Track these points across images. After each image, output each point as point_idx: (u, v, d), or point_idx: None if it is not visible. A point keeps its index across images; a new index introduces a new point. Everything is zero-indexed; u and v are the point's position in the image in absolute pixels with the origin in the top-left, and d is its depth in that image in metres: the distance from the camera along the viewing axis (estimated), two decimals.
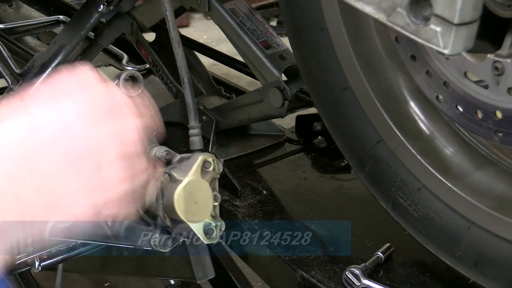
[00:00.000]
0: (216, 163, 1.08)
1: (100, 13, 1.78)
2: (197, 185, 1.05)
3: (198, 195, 1.05)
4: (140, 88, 1.09)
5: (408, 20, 0.84)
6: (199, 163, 1.05)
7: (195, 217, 1.04)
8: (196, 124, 1.19)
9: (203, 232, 1.06)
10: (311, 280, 1.20)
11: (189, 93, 1.20)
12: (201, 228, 1.06)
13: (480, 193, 1.08)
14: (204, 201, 1.05)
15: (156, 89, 2.01)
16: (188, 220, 1.04)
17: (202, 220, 1.06)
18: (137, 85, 1.09)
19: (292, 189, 1.51)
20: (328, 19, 1.20)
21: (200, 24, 5.51)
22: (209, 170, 1.07)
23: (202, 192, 1.05)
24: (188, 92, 1.20)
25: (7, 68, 1.86)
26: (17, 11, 2.74)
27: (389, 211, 1.22)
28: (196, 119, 1.19)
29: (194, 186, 1.04)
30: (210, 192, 1.06)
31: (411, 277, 1.20)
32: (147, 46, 1.88)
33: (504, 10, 0.87)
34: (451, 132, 1.15)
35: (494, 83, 0.96)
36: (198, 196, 1.05)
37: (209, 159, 1.07)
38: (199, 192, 1.05)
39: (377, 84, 1.19)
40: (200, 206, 1.05)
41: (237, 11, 1.58)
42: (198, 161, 1.06)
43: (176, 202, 1.02)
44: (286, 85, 1.51)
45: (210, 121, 1.69)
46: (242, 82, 2.06)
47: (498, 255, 1.05)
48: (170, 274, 1.57)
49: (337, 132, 1.30)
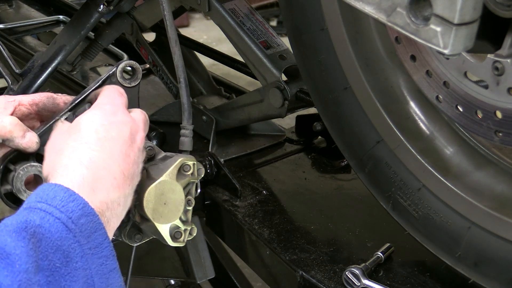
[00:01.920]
0: (196, 168, 1.06)
1: (100, 13, 1.78)
2: (170, 187, 1.03)
3: (169, 197, 1.03)
4: (138, 79, 1.09)
5: (408, 20, 0.84)
6: (176, 165, 1.04)
7: (162, 218, 1.03)
8: (189, 125, 1.19)
9: (169, 235, 1.05)
10: (311, 280, 1.20)
11: (184, 92, 1.19)
12: (167, 230, 1.04)
13: (480, 193, 1.08)
14: (175, 204, 1.03)
15: (156, 89, 2.01)
16: (155, 220, 1.02)
17: (169, 223, 1.04)
18: (135, 75, 1.09)
19: (292, 189, 1.51)
20: (328, 19, 1.20)
21: (200, 24, 5.52)
22: (187, 173, 1.05)
23: (174, 195, 1.03)
24: (184, 92, 1.19)
25: (7, 68, 1.86)
26: (17, 11, 2.74)
27: (389, 211, 1.22)
28: (189, 120, 1.19)
29: (167, 187, 1.03)
30: (183, 196, 1.04)
31: (411, 277, 1.20)
32: (147, 46, 1.88)
33: (504, 10, 0.87)
34: (451, 132, 1.15)
35: (494, 83, 0.96)
36: (169, 198, 1.03)
37: (188, 163, 1.05)
38: (170, 194, 1.03)
39: (377, 84, 1.19)
40: (169, 208, 1.03)
41: (237, 11, 1.58)
42: (176, 163, 1.04)
43: (145, 200, 1.01)
44: (286, 85, 1.51)
45: (210, 121, 1.69)
46: (242, 82, 2.06)
47: (498, 255, 1.05)
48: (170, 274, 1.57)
49: (337, 132, 1.30)
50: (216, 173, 1.48)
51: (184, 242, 1.07)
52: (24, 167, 0.99)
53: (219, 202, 1.45)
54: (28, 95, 1.07)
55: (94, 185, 0.87)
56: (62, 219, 0.81)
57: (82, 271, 0.81)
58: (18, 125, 0.99)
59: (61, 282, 0.78)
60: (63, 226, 0.80)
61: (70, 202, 0.82)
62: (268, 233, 1.34)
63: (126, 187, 0.92)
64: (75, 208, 0.82)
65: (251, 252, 1.40)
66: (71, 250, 0.80)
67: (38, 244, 0.78)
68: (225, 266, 1.90)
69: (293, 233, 1.33)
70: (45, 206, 0.81)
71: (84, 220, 0.82)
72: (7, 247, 0.75)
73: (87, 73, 2.19)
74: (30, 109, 1.06)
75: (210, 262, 1.45)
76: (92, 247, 0.82)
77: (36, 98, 1.06)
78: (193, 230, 1.08)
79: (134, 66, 1.08)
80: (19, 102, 1.04)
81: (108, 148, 0.91)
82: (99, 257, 0.83)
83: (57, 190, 0.83)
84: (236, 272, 1.95)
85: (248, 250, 1.40)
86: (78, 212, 0.82)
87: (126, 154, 0.93)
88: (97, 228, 0.84)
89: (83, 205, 0.83)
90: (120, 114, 0.97)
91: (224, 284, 1.93)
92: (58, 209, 0.81)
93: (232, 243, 1.49)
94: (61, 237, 0.80)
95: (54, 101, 1.07)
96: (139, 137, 0.98)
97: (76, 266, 0.80)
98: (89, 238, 0.82)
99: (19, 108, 1.04)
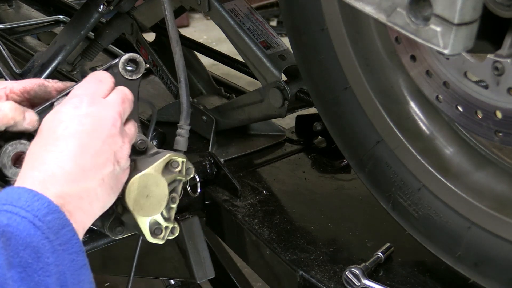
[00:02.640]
0: (185, 166, 1.05)
1: (100, 13, 1.78)
2: (154, 180, 1.02)
3: (153, 190, 1.02)
4: (140, 73, 1.09)
5: (408, 20, 0.84)
6: (164, 160, 1.03)
7: (143, 211, 1.02)
8: (186, 124, 1.19)
9: (149, 230, 1.04)
10: (311, 280, 1.20)
11: (184, 92, 1.19)
12: (146, 224, 1.03)
13: (480, 193, 1.08)
14: (157, 198, 1.03)
15: (156, 89, 2.01)
16: (135, 211, 1.01)
17: (149, 216, 1.03)
18: (138, 69, 1.09)
19: (292, 189, 1.51)
20: (328, 19, 1.20)
21: (200, 24, 5.52)
22: (175, 170, 1.04)
23: (158, 189, 1.02)
24: (183, 92, 1.19)
25: (7, 68, 1.86)
26: (17, 11, 2.74)
27: (389, 211, 1.22)
28: (187, 120, 1.19)
29: (151, 180, 1.02)
30: (167, 191, 1.03)
31: (411, 277, 1.20)
32: (147, 46, 1.88)
33: (504, 10, 0.87)
34: (451, 132, 1.15)
35: (494, 83, 0.96)
36: (153, 191, 1.02)
37: (177, 159, 1.05)
38: (154, 188, 1.02)
39: (377, 84, 1.19)
40: (151, 202, 1.02)
41: (237, 11, 1.59)
42: (163, 157, 1.03)
43: (127, 190, 1.00)
44: (286, 85, 1.51)
45: (210, 121, 1.69)
46: (242, 82, 2.06)
47: (498, 255, 1.05)
48: (170, 274, 1.57)
49: (337, 132, 1.30)
50: (216, 173, 1.48)
51: (163, 240, 1.06)
52: (13, 143, 0.99)
53: (219, 202, 1.45)
54: (19, 82, 1.06)
55: (45, 181, 0.87)
56: (28, 218, 0.81)
57: (54, 266, 0.81)
58: (17, 108, 0.98)
59: (34, 277, 0.79)
60: (31, 224, 0.81)
61: (35, 202, 0.83)
62: (268, 233, 1.34)
63: (87, 179, 0.91)
64: (40, 206, 0.83)
65: (251, 252, 1.40)
66: (41, 246, 0.81)
67: (8, 243, 0.78)
68: (225, 266, 1.90)
69: (293, 233, 1.33)
70: (11, 207, 0.82)
71: (50, 217, 0.83)
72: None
73: (87, 73, 2.19)
74: (21, 97, 1.05)
75: (210, 262, 1.45)
76: (62, 243, 0.83)
77: (27, 86, 1.05)
78: (175, 229, 1.07)
79: (138, 60, 1.08)
80: (10, 89, 1.04)
81: (62, 146, 0.91)
82: (69, 253, 0.83)
83: (20, 192, 0.84)
84: (236, 272, 1.95)
85: (248, 250, 1.40)
86: (44, 210, 0.83)
87: (85, 147, 0.92)
88: (64, 225, 0.84)
89: (48, 203, 0.84)
90: (84, 106, 0.96)
91: (224, 284, 1.93)
92: (24, 209, 0.82)
93: (232, 243, 1.49)
94: (29, 234, 0.80)
95: (46, 89, 1.07)
96: (111, 123, 0.97)
97: (47, 261, 0.80)
98: (57, 234, 0.83)
99: (10, 96, 1.03)
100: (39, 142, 0.93)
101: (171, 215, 1.06)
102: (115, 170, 0.96)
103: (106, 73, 1.05)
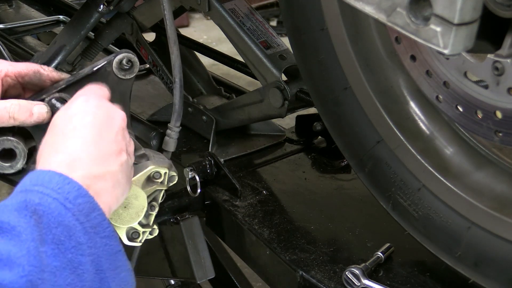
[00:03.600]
0: (167, 176, 1.06)
1: (100, 13, 1.78)
2: (134, 193, 1.03)
3: (132, 202, 1.03)
4: (134, 72, 1.08)
5: (408, 20, 0.84)
6: (145, 173, 1.04)
7: (120, 220, 1.03)
8: (176, 126, 1.18)
9: (126, 235, 1.05)
10: (311, 280, 1.20)
11: (178, 93, 1.19)
12: (123, 231, 1.05)
13: (480, 193, 1.08)
14: (136, 210, 1.03)
15: (156, 89, 2.01)
16: (112, 220, 1.02)
17: (126, 226, 1.04)
18: (132, 69, 1.08)
19: (292, 189, 1.51)
20: (328, 19, 1.20)
21: (200, 24, 5.52)
22: (157, 180, 1.05)
23: (136, 201, 1.03)
24: (177, 92, 1.19)
25: None
26: (17, 11, 2.74)
27: (389, 211, 1.22)
28: (178, 122, 1.18)
29: (131, 193, 1.02)
30: (145, 203, 1.04)
31: (411, 277, 1.20)
32: (147, 46, 1.88)
33: (504, 10, 0.87)
34: (451, 132, 1.15)
35: (494, 83, 0.96)
36: (131, 203, 1.03)
37: (160, 171, 1.05)
38: (133, 200, 1.03)
39: (377, 84, 1.19)
40: (129, 213, 1.03)
41: (237, 11, 1.58)
42: (145, 170, 1.04)
43: None
44: (286, 85, 1.51)
45: (210, 121, 1.69)
46: (242, 82, 2.06)
47: (498, 255, 1.05)
48: (170, 274, 1.57)
49: (337, 132, 1.30)
50: (216, 173, 1.48)
51: (141, 242, 1.07)
52: (1, 139, 1.00)
53: (219, 202, 1.45)
54: (14, 64, 1.07)
55: (71, 164, 0.89)
56: (59, 199, 0.83)
57: (87, 248, 0.82)
58: (20, 108, 1.00)
59: (67, 254, 0.80)
60: (62, 205, 0.82)
61: (66, 185, 0.84)
62: (268, 233, 1.33)
63: (109, 163, 0.93)
64: (71, 189, 0.84)
65: (251, 252, 1.40)
66: (72, 226, 0.82)
67: (39, 220, 0.79)
68: (225, 266, 1.90)
69: (293, 233, 1.33)
70: (42, 188, 0.83)
71: (81, 201, 0.84)
72: (11, 221, 0.78)
73: None
74: (15, 80, 1.06)
75: (210, 262, 1.45)
76: (92, 226, 0.84)
77: (22, 70, 1.06)
78: (153, 231, 1.07)
79: (132, 60, 1.07)
80: (5, 73, 1.04)
81: (82, 133, 0.93)
82: (101, 237, 0.85)
83: (51, 175, 0.85)
84: (236, 272, 1.94)
85: (248, 250, 1.40)
86: (74, 193, 0.84)
87: (102, 135, 0.94)
88: (94, 209, 0.85)
89: (78, 188, 0.85)
90: (93, 101, 0.98)
91: (224, 284, 1.93)
92: (55, 191, 0.83)
93: (232, 243, 1.49)
94: (60, 214, 0.81)
95: (40, 77, 1.08)
96: (120, 117, 0.99)
97: (80, 241, 0.82)
98: (88, 217, 0.84)
99: (5, 79, 1.04)
100: (56, 133, 0.94)
101: (149, 221, 1.07)
102: (129, 161, 0.98)
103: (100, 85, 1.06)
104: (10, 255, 0.74)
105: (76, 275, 0.79)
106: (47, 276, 0.76)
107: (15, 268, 0.74)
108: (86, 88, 1.04)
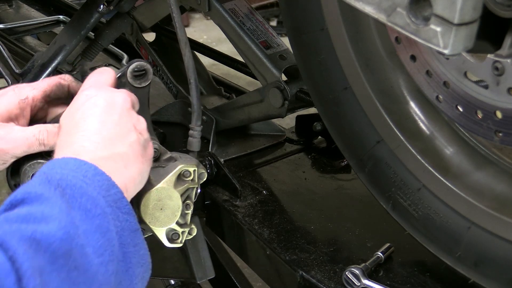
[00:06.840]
0: (196, 174, 1.07)
1: (100, 13, 1.78)
2: (167, 194, 1.04)
3: (167, 203, 1.04)
4: (149, 80, 1.09)
5: (408, 20, 0.84)
6: (175, 172, 1.05)
7: (159, 223, 1.05)
8: (197, 125, 1.19)
9: (166, 237, 1.06)
10: (311, 280, 1.20)
11: (195, 93, 1.20)
12: (163, 233, 1.06)
13: (480, 193, 1.08)
14: (171, 210, 1.05)
15: (156, 89, 2.01)
16: (151, 224, 1.04)
17: (165, 227, 1.06)
18: (146, 76, 1.09)
19: (292, 189, 1.51)
20: (328, 19, 1.20)
21: (200, 24, 5.52)
22: (187, 179, 1.06)
23: (171, 202, 1.05)
24: (194, 93, 1.20)
25: (7, 68, 1.86)
26: (17, 11, 2.74)
27: (389, 211, 1.22)
28: (198, 120, 1.19)
29: (164, 194, 1.04)
30: (180, 202, 1.05)
31: (411, 277, 1.20)
32: (147, 46, 1.88)
33: (504, 10, 0.87)
34: (451, 132, 1.15)
35: (494, 83, 0.96)
36: (166, 204, 1.04)
37: (189, 169, 1.06)
38: (167, 201, 1.04)
39: (377, 84, 1.19)
40: (165, 214, 1.05)
41: (237, 11, 1.58)
42: (175, 170, 1.05)
43: (142, 205, 1.03)
44: (286, 85, 1.51)
45: (210, 121, 1.69)
46: (242, 82, 2.06)
47: (498, 255, 1.05)
48: (170, 274, 1.57)
49: (337, 132, 1.30)
50: (216, 173, 1.48)
51: (182, 243, 1.08)
52: (32, 163, 1.02)
53: (219, 202, 1.45)
54: (37, 87, 1.09)
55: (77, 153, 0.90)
56: (79, 176, 0.84)
57: (112, 219, 0.84)
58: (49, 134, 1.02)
59: (95, 220, 0.81)
60: (82, 181, 0.84)
61: (83, 165, 0.87)
62: (268, 233, 1.33)
63: (116, 145, 0.94)
64: (88, 169, 0.86)
65: (251, 252, 1.40)
66: (96, 197, 0.83)
67: (64, 192, 0.82)
68: (225, 266, 1.90)
69: (293, 233, 1.33)
70: (60, 169, 0.85)
71: (99, 178, 0.86)
72: (38, 190, 0.80)
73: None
74: (43, 102, 1.09)
75: (210, 262, 1.45)
76: (114, 200, 0.86)
77: (47, 90, 1.09)
78: (192, 230, 1.09)
79: (145, 67, 1.08)
80: (33, 98, 1.07)
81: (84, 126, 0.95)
82: (122, 212, 0.86)
83: (66, 159, 0.88)
84: (236, 272, 1.94)
85: (248, 250, 1.40)
86: (92, 172, 0.86)
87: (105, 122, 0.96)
88: (112, 186, 0.87)
89: (95, 168, 0.87)
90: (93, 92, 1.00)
91: (224, 284, 1.93)
92: (73, 170, 0.85)
93: (232, 243, 1.49)
94: (82, 187, 0.83)
95: (62, 88, 1.11)
96: (122, 99, 1.00)
97: (105, 210, 0.83)
98: (108, 192, 0.86)
99: (34, 104, 1.07)
100: (62, 134, 0.96)
101: (186, 220, 1.08)
102: (140, 139, 0.99)
103: (105, 67, 1.09)
104: (44, 213, 0.76)
105: (106, 239, 0.81)
106: (81, 233, 0.78)
107: (51, 222, 0.76)
108: (87, 80, 1.06)
